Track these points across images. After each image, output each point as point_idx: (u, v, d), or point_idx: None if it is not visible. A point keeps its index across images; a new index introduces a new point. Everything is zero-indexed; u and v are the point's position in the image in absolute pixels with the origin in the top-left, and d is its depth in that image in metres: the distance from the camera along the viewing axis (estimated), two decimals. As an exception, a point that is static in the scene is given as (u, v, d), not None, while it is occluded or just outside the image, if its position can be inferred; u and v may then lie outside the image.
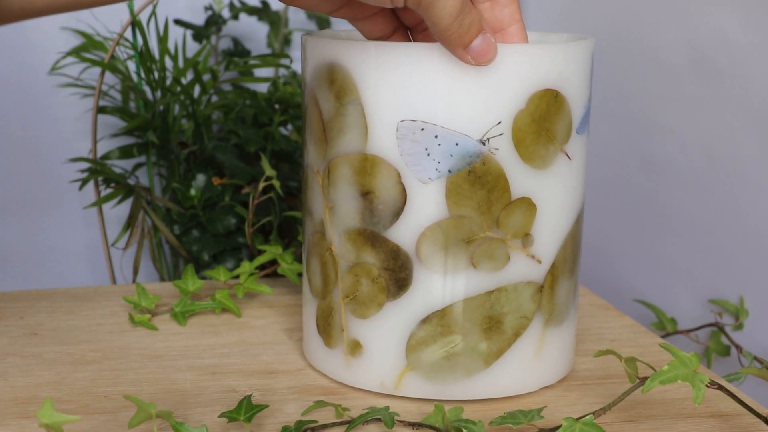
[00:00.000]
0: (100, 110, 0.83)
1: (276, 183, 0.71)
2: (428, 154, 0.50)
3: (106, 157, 0.82)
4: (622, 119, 0.83)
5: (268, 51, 0.94)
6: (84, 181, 0.80)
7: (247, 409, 0.49)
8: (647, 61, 0.79)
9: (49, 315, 0.66)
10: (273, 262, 0.75)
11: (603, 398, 0.54)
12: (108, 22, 0.87)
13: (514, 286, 0.52)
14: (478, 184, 0.50)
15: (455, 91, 0.50)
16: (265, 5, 0.91)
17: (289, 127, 0.87)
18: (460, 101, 0.50)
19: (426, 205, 0.51)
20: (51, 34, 0.89)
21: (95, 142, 0.83)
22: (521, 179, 0.51)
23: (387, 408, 0.50)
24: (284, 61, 0.88)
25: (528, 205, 0.51)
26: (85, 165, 0.83)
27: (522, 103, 0.50)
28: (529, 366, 0.54)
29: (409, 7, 0.47)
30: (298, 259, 0.71)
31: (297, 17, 0.95)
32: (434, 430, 0.49)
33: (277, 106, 0.82)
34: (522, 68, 0.50)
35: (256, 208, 0.75)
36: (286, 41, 0.93)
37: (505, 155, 0.50)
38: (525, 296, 0.52)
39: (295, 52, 0.94)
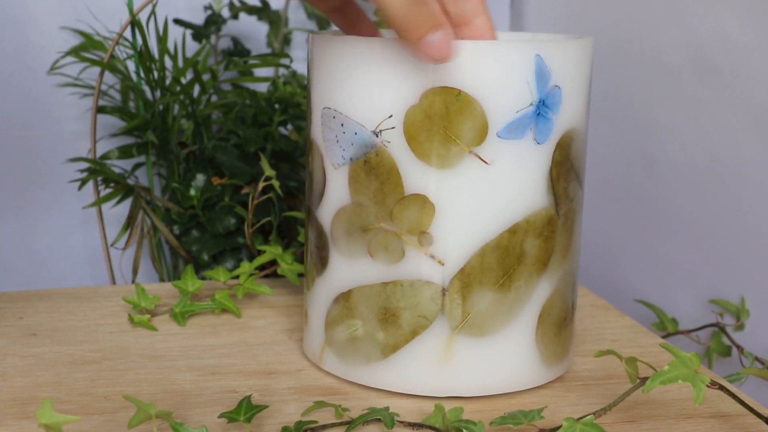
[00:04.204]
0: (100, 110, 0.83)
1: (275, 183, 0.71)
2: (337, 141, 0.53)
3: (105, 157, 0.82)
4: (622, 119, 0.83)
5: (268, 51, 0.94)
6: (83, 181, 0.80)
7: (247, 409, 0.49)
8: (648, 62, 0.79)
9: (48, 315, 0.65)
10: (273, 263, 0.75)
11: (603, 398, 0.54)
12: (107, 21, 0.87)
13: (410, 282, 0.52)
14: (372, 175, 0.52)
15: (356, 82, 0.51)
16: (265, 4, 0.90)
17: (289, 127, 0.87)
18: (358, 92, 0.51)
19: (336, 190, 0.53)
20: (50, 34, 0.88)
21: (94, 141, 0.83)
22: (415, 175, 0.51)
23: (387, 408, 0.50)
24: (284, 61, 0.87)
25: (423, 202, 0.51)
26: (85, 165, 0.83)
27: (415, 99, 0.50)
28: (432, 370, 0.53)
29: None
30: (298, 259, 0.71)
31: (297, 17, 0.95)
32: (434, 430, 0.49)
33: (277, 106, 0.82)
34: (414, 63, 0.50)
35: (256, 208, 0.75)
36: (286, 41, 0.93)
37: (398, 149, 0.51)
38: (423, 296, 0.52)
39: (294, 51, 0.94)
